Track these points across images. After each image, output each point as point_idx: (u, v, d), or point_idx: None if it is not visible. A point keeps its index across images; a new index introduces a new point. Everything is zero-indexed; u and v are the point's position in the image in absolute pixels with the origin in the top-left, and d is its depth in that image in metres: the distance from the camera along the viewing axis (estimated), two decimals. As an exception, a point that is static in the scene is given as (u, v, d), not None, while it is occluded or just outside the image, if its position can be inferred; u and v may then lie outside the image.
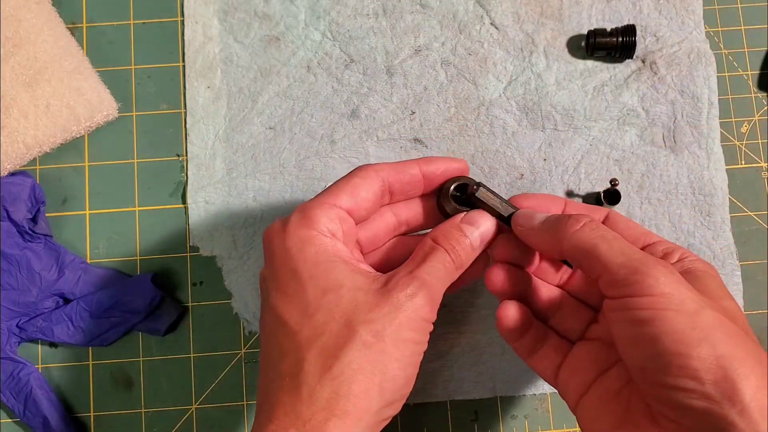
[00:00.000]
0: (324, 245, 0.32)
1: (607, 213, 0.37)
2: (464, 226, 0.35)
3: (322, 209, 0.33)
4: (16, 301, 0.44)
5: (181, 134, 0.48)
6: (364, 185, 0.35)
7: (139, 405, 0.45)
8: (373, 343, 0.30)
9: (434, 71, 0.48)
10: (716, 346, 0.28)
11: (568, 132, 0.47)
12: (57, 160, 0.47)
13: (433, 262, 0.33)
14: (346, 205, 0.34)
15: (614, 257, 0.31)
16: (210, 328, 0.46)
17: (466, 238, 0.35)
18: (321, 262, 0.32)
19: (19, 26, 0.46)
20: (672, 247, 0.35)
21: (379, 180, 0.35)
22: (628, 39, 0.46)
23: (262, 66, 0.48)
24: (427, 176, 0.37)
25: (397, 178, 0.36)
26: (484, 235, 0.36)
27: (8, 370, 0.43)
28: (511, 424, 0.45)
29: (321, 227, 0.33)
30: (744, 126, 0.48)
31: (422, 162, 0.37)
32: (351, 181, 0.35)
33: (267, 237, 0.34)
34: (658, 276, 0.29)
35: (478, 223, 0.35)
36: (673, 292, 0.29)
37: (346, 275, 0.32)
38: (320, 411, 0.29)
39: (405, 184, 0.36)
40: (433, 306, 0.33)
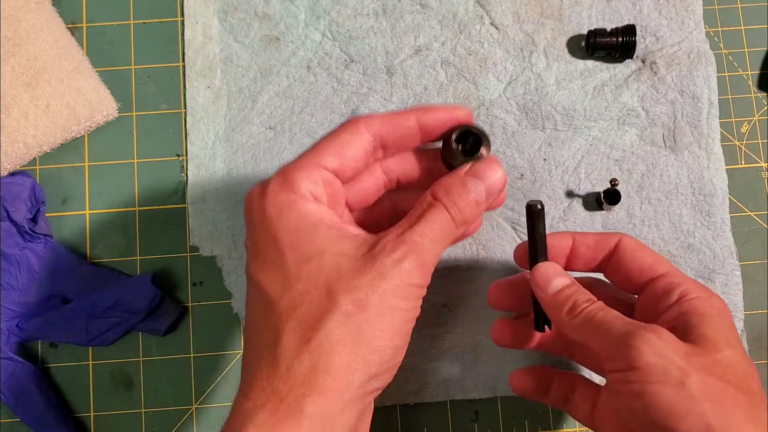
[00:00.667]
0: (306, 210, 0.30)
1: (619, 239, 0.37)
2: (469, 180, 0.32)
3: (304, 171, 0.31)
4: (16, 301, 0.44)
5: (181, 134, 0.48)
6: (353, 142, 0.32)
7: (139, 405, 0.45)
8: (354, 312, 0.28)
9: (434, 71, 0.48)
10: (702, 416, 0.28)
11: (568, 132, 0.47)
12: (57, 160, 0.47)
13: (429, 222, 0.30)
14: (331, 166, 0.31)
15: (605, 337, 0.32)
16: (210, 328, 0.46)
17: (471, 193, 0.31)
18: (302, 228, 0.30)
19: (19, 26, 0.46)
20: (675, 282, 0.34)
21: (370, 135, 0.32)
22: (628, 39, 0.46)
23: (262, 66, 0.48)
24: (424, 127, 0.33)
25: (391, 131, 0.33)
26: (491, 188, 0.32)
27: (8, 370, 0.43)
28: (511, 424, 0.45)
29: (303, 191, 0.30)
30: (744, 126, 0.48)
31: (419, 111, 0.33)
32: (338, 138, 0.32)
33: (247, 203, 0.32)
34: (641, 347, 0.30)
35: (485, 176, 0.32)
36: (657, 362, 0.29)
37: (329, 241, 0.30)
38: (298, 386, 0.28)
39: (399, 137, 0.33)
40: (425, 270, 0.30)
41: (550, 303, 0.35)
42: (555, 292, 0.35)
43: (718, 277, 0.45)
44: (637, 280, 0.36)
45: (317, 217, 0.30)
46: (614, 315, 0.33)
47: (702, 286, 0.34)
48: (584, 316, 0.33)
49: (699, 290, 0.34)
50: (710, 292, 0.34)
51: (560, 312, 0.34)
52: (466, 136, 0.33)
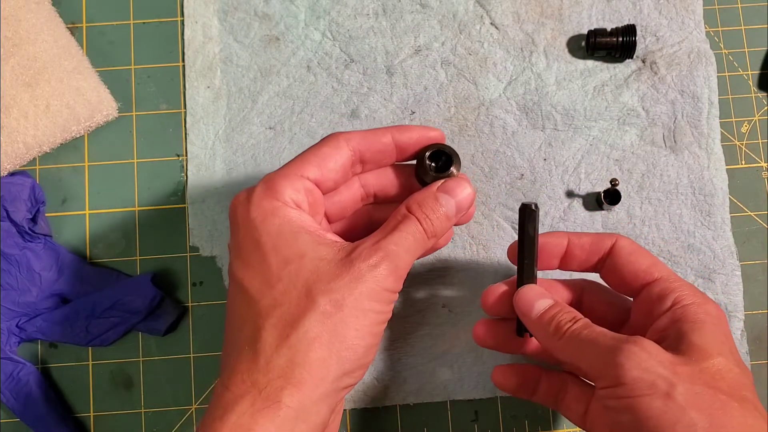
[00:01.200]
0: (288, 216, 0.32)
1: (614, 242, 0.37)
2: (440, 195, 0.34)
3: (287, 180, 0.33)
4: (16, 301, 0.44)
5: (181, 134, 0.48)
6: (333, 155, 0.34)
7: (139, 405, 0.45)
8: (332, 312, 0.30)
9: (434, 71, 0.48)
10: (690, 426, 0.28)
11: (568, 132, 0.47)
12: (57, 160, 0.47)
13: (402, 232, 0.33)
14: (313, 176, 0.34)
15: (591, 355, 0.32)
16: (210, 328, 0.46)
17: (441, 207, 0.34)
18: (284, 233, 0.32)
19: (19, 26, 0.46)
20: (669, 287, 0.34)
21: (349, 149, 0.35)
22: (628, 39, 0.46)
23: (262, 66, 0.48)
24: (399, 145, 0.36)
25: (368, 147, 0.35)
26: (460, 204, 0.35)
27: (8, 370, 0.43)
28: (511, 424, 0.45)
29: (285, 198, 0.33)
30: (744, 126, 0.48)
31: (394, 130, 0.36)
32: (320, 151, 0.34)
33: (232, 208, 0.34)
34: (625, 363, 0.30)
35: (455, 192, 0.35)
36: (642, 376, 0.30)
37: (309, 246, 0.32)
38: (276, 378, 0.29)
39: (376, 152, 0.36)
40: (398, 276, 0.32)
41: (535, 326, 0.35)
42: (539, 315, 0.35)
43: (718, 277, 0.45)
44: (633, 283, 0.36)
45: (298, 224, 0.32)
46: (599, 332, 0.33)
47: (698, 292, 0.34)
48: (569, 336, 0.33)
49: (694, 296, 0.34)
50: (706, 297, 0.34)
51: (546, 333, 0.35)
52: (439, 156, 0.36)
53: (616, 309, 0.38)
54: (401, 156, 0.37)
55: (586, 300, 0.39)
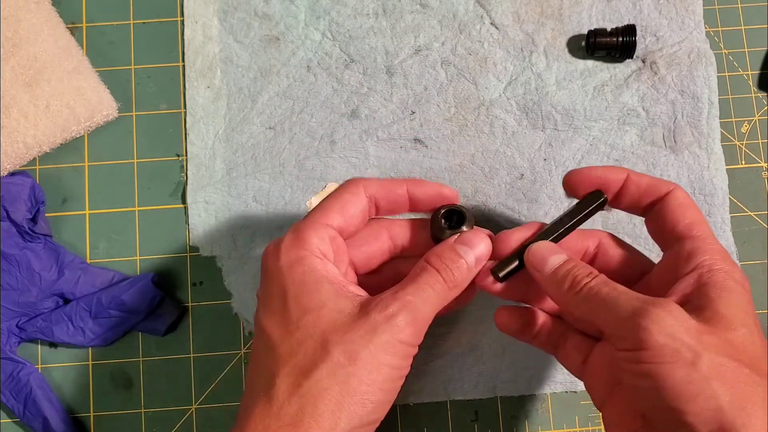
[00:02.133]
0: (313, 266, 0.33)
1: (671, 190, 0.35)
2: (458, 247, 0.35)
3: (313, 229, 0.34)
4: (16, 301, 0.44)
5: (181, 134, 0.48)
6: (354, 201, 0.35)
7: (139, 405, 0.45)
8: (344, 364, 0.30)
9: (434, 71, 0.48)
10: (713, 398, 0.27)
11: (568, 132, 0.47)
12: (57, 160, 0.47)
13: (421, 284, 0.33)
14: (337, 224, 0.35)
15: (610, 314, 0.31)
16: (210, 328, 0.46)
17: (461, 259, 0.34)
18: (308, 282, 0.32)
19: (19, 26, 0.46)
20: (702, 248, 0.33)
21: (366, 196, 0.36)
22: (628, 39, 0.46)
23: (262, 66, 0.48)
24: (413, 198, 0.37)
25: (384, 196, 0.36)
26: (479, 255, 0.35)
27: (8, 370, 0.43)
28: (511, 424, 0.45)
29: (312, 247, 0.33)
30: (744, 126, 0.48)
31: (410, 183, 0.37)
32: (341, 198, 0.35)
33: (263, 257, 0.35)
34: (651, 327, 0.29)
35: (472, 243, 0.35)
36: (667, 343, 0.29)
37: (329, 296, 0.32)
38: (286, 426, 0.30)
39: (391, 202, 0.37)
40: (416, 329, 0.32)
41: (549, 282, 0.34)
42: (552, 270, 0.34)
43: (718, 277, 0.45)
44: (670, 235, 0.35)
45: (322, 273, 0.33)
46: (621, 291, 0.32)
47: (729, 258, 0.33)
48: (587, 293, 0.32)
49: (724, 261, 0.32)
50: (735, 265, 0.33)
51: (561, 290, 0.34)
52: (452, 214, 0.37)
53: (630, 265, 0.37)
54: (414, 208, 0.37)
55: (600, 255, 0.38)
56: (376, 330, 0.31)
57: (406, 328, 0.32)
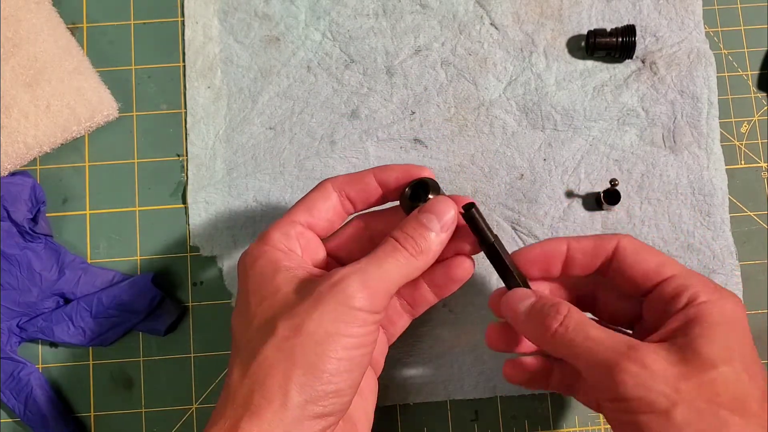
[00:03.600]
0: (273, 257, 0.33)
1: (617, 243, 0.35)
2: (421, 215, 0.34)
3: (277, 227, 0.35)
4: (16, 301, 0.44)
5: (181, 134, 0.48)
6: (320, 198, 0.36)
7: (139, 405, 0.45)
8: (289, 337, 0.30)
9: (434, 71, 0.48)
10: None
11: (568, 132, 0.47)
12: (57, 160, 0.47)
13: (377, 253, 0.33)
14: (303, 219, 0.35)
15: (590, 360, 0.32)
16: (210, 328, 0.46)
17: (424, 227, 0.34)
18: (266, 273, 0.33)
19: (19, 26, 0.46)
20: (684, 284, 0.33)
21: (335, 191, 0.36)
22: (628, 39, 0.46)
23: (262, 66, 0.48)
24: (382, 184, 0.36)
25: (352, 187, 0.36)
26: (445, 221, 0.34)
27: (8, 370, 0.43)
28: (511, 424, 0.45)
29: (274, 242, 0.34)
30: (744, 126, 0.49)
31: (377, 170, 0.37)
32: (308, 197, 0.36)
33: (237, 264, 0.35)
34: (625, 380, 0.30)
35: (436, 209, 0.34)
36: (642, 395, 0.29)
37: (285, 281, 0.32)
38: (238, 408, 0.30)
39: (360, 191, 0.36)
40: (370, 293, 0.31)
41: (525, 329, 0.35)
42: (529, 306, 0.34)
43: (718, 277, 0.45)
44: (642, 284, 0.34)
45: (282, 264, 0.33)
46: (594, 338, 0.32)
47: (714, 288, 0.33)
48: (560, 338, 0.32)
49: (710, 292, 0.32)
50: (723, 293, 0.32)
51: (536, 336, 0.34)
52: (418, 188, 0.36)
53: (632, 304, 0.37)
54: (386, 193, 0.37)
55: (600, 296, 0.38)
56: (320, 299, 0.30)
57: (357, 293, 0.31)
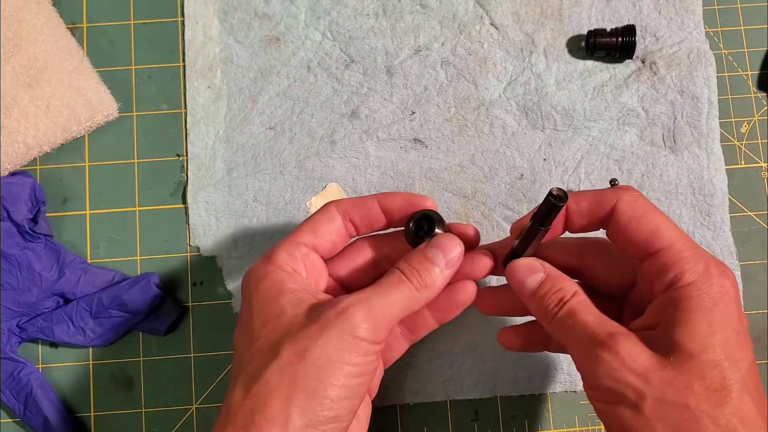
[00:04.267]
0: (277, 278, 0.34)
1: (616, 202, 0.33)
2: (428, 250, 0.35)
3: (282, 247, 0.35)
4: (16, 301, 0.44)
5: (181, 134, 0.48)
6: (324, 220, 0.36)
7: (139, 405, 0.45)
8: (293, 361, 0.30)
9: (434, 71, 0.48)
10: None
11: (568, 132, 0.47)
12: (57, 160, 0.47)
13: (382, 284, 0.33)
14: (308, 241, 0.36)
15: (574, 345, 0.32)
16: (210, 328, 0.46)
17: (430, 262, 0.34)
18: (270, 295, 0.33)
19: (20, 26, 0.46)
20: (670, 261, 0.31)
21: (339, 214, 0.37)
22: (628, 39, 0.46)
23: (262, 66, 0.48)
24: (386, 211, 0.37)
25: (357, 212, 0.37)
26: (450, 258, 0.35)
27: (8, 370, 0.43)
28: (511, 424, 0.45)
29: (280, 263, 0.34)
30: (744, 126, 0.49)
31: (380, 196, 0.37)
32: (313, 219, 0.37)
33: (242, 281, 0.36)
34: (598, 370, 0.30)
35: (443, 246, 0.35)
36: (612, 386, 0.30)
37: (290, 304, 0.33)
38: (239, 429, 0.30)
39: (365, 216, 0.37)
40: (374, 324, 0.32)
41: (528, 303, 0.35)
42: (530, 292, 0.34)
43: (718, 277, 0.45)
44: (638, 251, 0.33)
45: (286, 285, 0.34)
46: (581, 323, 0.32)
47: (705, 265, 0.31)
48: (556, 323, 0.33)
49: (698, 271, 0.31)
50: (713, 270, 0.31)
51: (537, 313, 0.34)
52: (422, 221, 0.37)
53: (620, 271, 0.36)
54: (390, 220, 0.37)
55: (587, 264, 0.37)
56: (326, 326, 0.31)
57: (362, 323, 0.31)
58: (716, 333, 0.30)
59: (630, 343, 0.30)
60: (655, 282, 0.32)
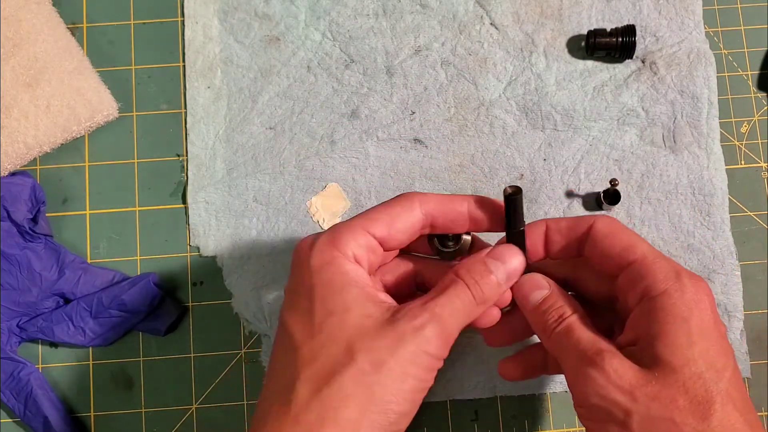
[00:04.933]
0: (344, 268, 0.32)
1: (592, 223, 0.34)
2: (489, 261, 0.33)
3: (352, 233, 0.33)
4: (16, 301, 0.44)
5: (181, 134, 0.48)
6: (403, 216, 0.34)
7: (139, 405, 0.45)
8: (369, 372, 0.29)
9: (434, 71, 0.48)
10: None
11: (568, 132, 0.47)
12: (57, 160, 0.47)
13: (450, 297, 0.32)
14: (379, 234, 0.33)
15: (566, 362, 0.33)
16: (210, 328, 0.46)
17: (491, 274, 0.33)
18: (336, 284, 0.31)
19: (20, 26, 0.46)
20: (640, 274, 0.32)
21: (422, 213, 0.34)
22: (628, 39, 0.46)
23: (262, 66, 0.48)
24: (474, 218, 0.35)
25: (442, 213, 0.34)
26: (511, 272, 0.33)
27: (8, 370, 0.43)
28: (511, 424, 0.45)
29: (347, 250, 0.32)
30: (744, 126, 0.48)
31: (475, 202, 0.34)
32: (391, 210, 0.34)
33: (296, 251, 0.34)
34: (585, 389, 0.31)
35: (505, 258, 0.33)
36: (599, 404, 0.30)
37: (356, 301, 0.31)
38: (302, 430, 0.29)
39: (450, 221, 0.35)
40: (444, 342, 0.31)
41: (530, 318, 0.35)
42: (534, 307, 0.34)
43: (718, 277, 0.45)
44: (611, 268, 0.33)
45: (352, 277, 0.32)
46: (574, 341, 0.32)
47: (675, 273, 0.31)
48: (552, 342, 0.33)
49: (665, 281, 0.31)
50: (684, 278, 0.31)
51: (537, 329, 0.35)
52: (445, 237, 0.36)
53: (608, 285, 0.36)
54: (474, 227, 0.35)
55: (579, 276, 0.37)
56: (403, 339, 0.30)
57: (434, 340, 0.30)
58: (695, 344, 0.30)
59: (617, 360, 0.30)
60: (629, 293, 0.32)
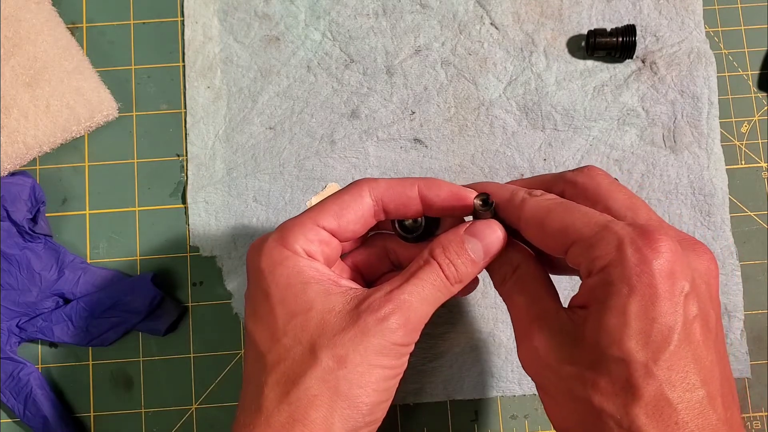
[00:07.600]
0: (298, 267, 0.31)
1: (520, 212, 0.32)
2: (467, 238, 0.32)
3: (301, 228, 0.32)
4: (16, 301, 0.44)
5: (181, 134, 0.48)
6: (353, 205, 0.33)
7: (139, 405, 0.45)
8: (334, 368, 0.29)
9: (434, 71, 0.48)
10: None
11: (568, 132, 0.47)
12: (57, 160, 0.47)
13: (420, 280, 0.31)
14: (329, 226, 0.32)
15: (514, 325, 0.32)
16: (210, 328, 0.46)
17: (468, 252, 0.32)
18: (292, 285, 0.31)
19: (19, 26, 0.46)
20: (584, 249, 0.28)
21: (372, 199, 0.33)
22: (628, 39, 0.46)
23: (262, 66, 0.48)
24: (425, 201, 0.33)
25: (392, 199, 0.33)
26: (488, 247, 0.32)
27: (8, 370, 0.43)
28: (511, 424, 0.45)
29: (296, 248, 0.32)
30: (744, 126, 0.48)
31: (423, 185, 0.33)
32: (339, 199, 0.33)
33: (247, 256, 0.33)
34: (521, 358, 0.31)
35: (483, 235, 0.32)
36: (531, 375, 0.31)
37: (317, 297, 0.31)
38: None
39: (401, 204, 0.33)
40: (410, 329, 0.31)
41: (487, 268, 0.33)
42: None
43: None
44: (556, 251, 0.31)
45: (309, 274, 0.31)
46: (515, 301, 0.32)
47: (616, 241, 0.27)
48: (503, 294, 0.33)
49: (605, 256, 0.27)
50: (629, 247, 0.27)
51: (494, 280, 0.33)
52: None
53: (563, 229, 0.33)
54: (426, 211, 0.34)
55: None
56: (366, 332, 0.30)
57: (399, 330, 0.30)
58: (630, 324, 0.26)
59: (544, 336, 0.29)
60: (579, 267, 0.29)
